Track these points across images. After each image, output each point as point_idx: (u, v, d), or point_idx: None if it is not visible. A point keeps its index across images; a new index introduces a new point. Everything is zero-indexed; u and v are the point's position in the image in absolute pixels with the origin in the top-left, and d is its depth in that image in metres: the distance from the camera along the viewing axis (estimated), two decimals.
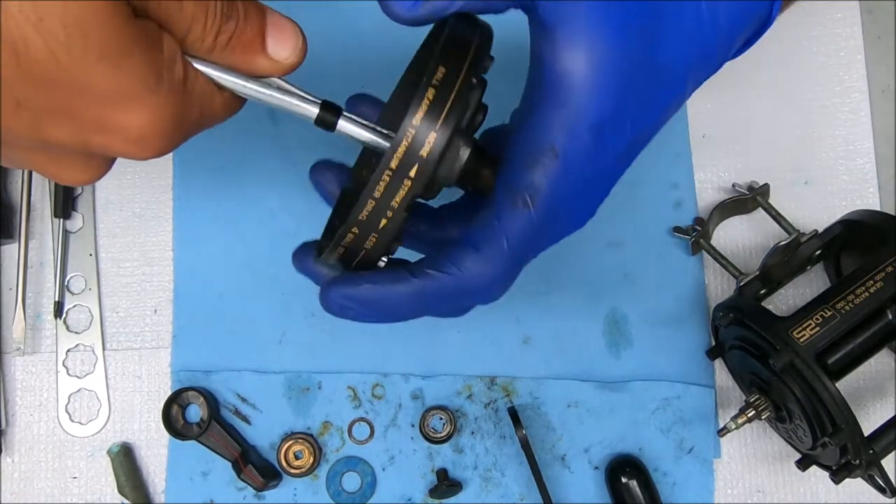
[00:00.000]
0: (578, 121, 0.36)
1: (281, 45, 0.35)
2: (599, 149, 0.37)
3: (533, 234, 0.38)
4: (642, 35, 0.36)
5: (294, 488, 0.58)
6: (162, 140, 0.33)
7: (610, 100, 0.36)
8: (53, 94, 0.30)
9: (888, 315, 0.50)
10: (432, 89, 0.34)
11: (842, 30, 0.63)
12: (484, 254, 0.37)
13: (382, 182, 0.34)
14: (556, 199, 0.37)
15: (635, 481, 0.56)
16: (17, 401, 0.59)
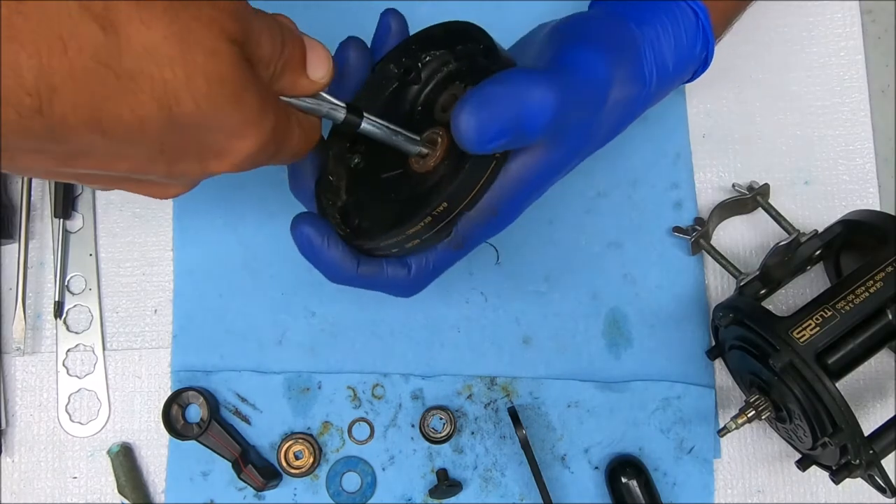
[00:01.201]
0: (522, 193, 0.45)
1: (317, 66, 0.40)
2: (524, 205, 0.46)
3: (449, 264, 0.47)
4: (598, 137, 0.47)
5: (294, 488, 0.58)
6: (257, 156, 0.38)
7: (550, 176, 0.45)
8: (190, 137, 0.35)
9: (888, 315, 0.50)
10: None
11: (842, 30, 0.63)
12: (411, 268, 0.46)
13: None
14: (480, 240, 0.46)
15: (635, 481, 0.56)
16: (17, 401, 0.59)
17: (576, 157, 0.46)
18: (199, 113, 0.34)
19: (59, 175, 0.36)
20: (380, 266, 0.45)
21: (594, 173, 0.61)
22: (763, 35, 0.62)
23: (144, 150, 0.34)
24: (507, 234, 0.60)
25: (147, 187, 0.39)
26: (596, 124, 0.45)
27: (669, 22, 0.47)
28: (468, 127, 0.39)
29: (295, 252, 0.60)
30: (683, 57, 0.48)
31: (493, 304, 0.60)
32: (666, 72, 0.47)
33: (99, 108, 0.31)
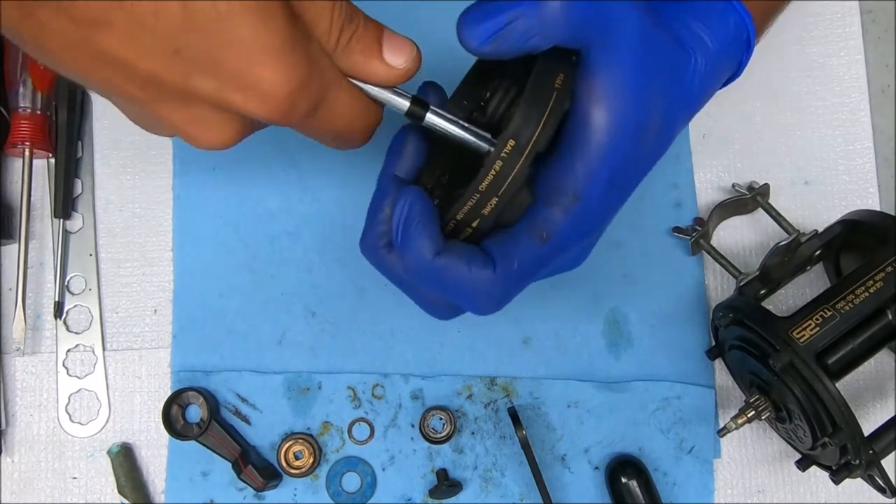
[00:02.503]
0: (600, 171, 0.41)
1: (397, 53, 0.39)
2: (609, 196, 0.42)
3: (539, 265, 0.42)
4: (651, 105, 0.42)
5: (294, 488, 0.58)
6: (287, 100, 0.37)
7: (626, 156, 0.41)
8: (206, 44, 0.34)
9: (888, 315, 0.50)
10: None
11: (842, 30, 0.63)
12: (496, 266, 0.41)
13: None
14: (568, 237, 0.42)
15: (635, 481, 0.56)
16: (17, 401, 0.59)
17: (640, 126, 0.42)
18: (216, 16, 0.33)
19: (83, 64, 0.35)
20: (465, 259, 0.41)
21: None
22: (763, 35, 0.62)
23: (157, 43, 0.34)
24: None
25: (180, 115, 0.38)
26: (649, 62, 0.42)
27: (703, 12, 0.45)
28: (466, 18, 0.38)
29: (295, 252, 0.60)
30: (724, 42, 0.45)
31: None
32: (706, 48, 0.45)
33: None
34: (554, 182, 0.41)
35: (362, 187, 0.60)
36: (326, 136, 0.41)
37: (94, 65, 0.35)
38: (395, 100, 0.40)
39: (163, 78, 0.35)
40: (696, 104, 0.46)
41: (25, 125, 0.59)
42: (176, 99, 0.37)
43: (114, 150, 0.62)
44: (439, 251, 0.41)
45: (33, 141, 0.59)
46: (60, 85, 0.60)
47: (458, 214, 0.41)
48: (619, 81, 0.40)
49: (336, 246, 0.60)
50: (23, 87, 0.59)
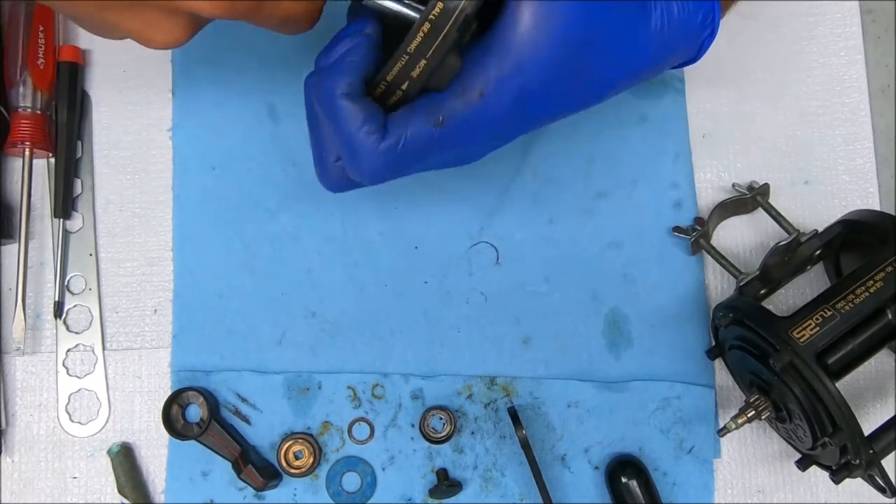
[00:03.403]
0: (512, 77, 0.42)
1: None
2: (514, 109, 0.43)
3: (426, 147, 0.43)
4: (587, 44, 0.42)
5: (294, 488, 0.58)
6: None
7: (544, 74, 0.42)
8: None
9: (888, 315, 0.50)
10: None
11: (842, 30, 0.63)
12: (386, 136, 0.43)
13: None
14: (459, 130, 0.43)
15: (635, 481, 0.56)
16: (17, 401, 0.59)
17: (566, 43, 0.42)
18: None
19: None
20: (361, 111, 0.42)
21: (594, 173, 0.61)
22: (763, 35, 0.62)
23: None
24: (507, 233, 0.60)
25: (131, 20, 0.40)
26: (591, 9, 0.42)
27: None
28: None
29: (295, 252, 0.60)
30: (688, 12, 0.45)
31: (493, 304, 0.60)
32: (671, 18, 0.45)
33: None
34: (467, 73, 0.42)
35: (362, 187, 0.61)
36: (272, 24, 0.42)
37: None
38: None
39: None
40: (641, 65, 0.46)
41: (25, 125, 0.59)
42: (124, 7, 0.39)
43: (114, 150, 0.62)
44: (348, 96, 0.42)
45: (33, 141, 0.59)
46: (60, 85, 0.60)
47: (387, 76, 0.42)
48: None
49: (336, 246, 0.60)
50: (23, 87, 0.59)
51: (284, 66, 0.61)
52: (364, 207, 0.60)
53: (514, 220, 0.60)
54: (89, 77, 0.62)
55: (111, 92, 0.62)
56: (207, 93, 0.61)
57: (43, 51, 0.59)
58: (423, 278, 0.60)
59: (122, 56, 0.62)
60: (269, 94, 0.61)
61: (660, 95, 0.62)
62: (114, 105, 0.62)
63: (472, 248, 0.60)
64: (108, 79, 0.62)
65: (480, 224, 0.61)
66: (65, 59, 0.60)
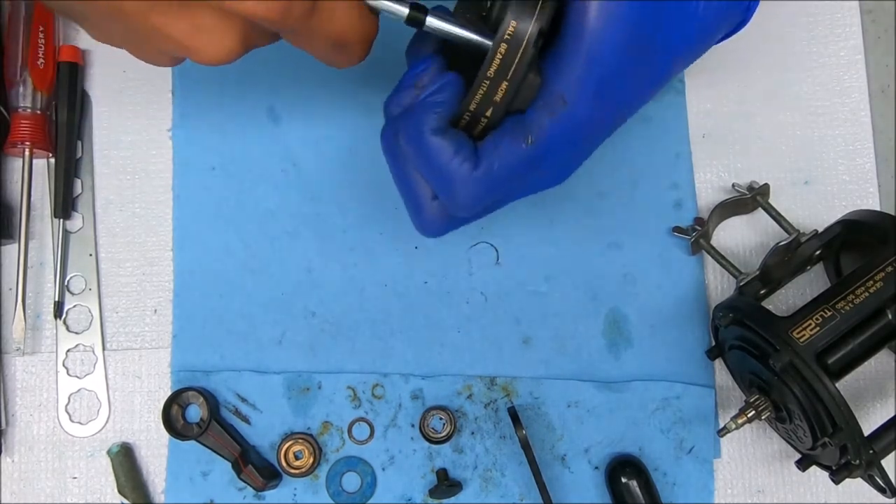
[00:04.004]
0: (589, 75, 0.41)
1: None
2: (598, 103, 0.42)
3: (520, 168, 0.43)
4: (648, 18, 0.42)
5: (294, 488, 0.58)
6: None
7: (619, 66, 0.42)
8: None
9: (888, 315, 0.50)
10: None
11: (842, 30, 0.63)
12: (480, 163, 0.43)
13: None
14: (553, 142, 0.43)
15: (635, 481, 0.56)
16: (17, 401, 0.59)
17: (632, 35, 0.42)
18: None
19: None
20: (452, 144, 0.42)
21: (594, 173, 0.61)
22: (763, 35, 0.62)
23: None
24: (508, 234, 0.60)
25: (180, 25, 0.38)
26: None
27: None
28: None
29: (295, 252, 0.60)
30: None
31: (493, 304, 0.60)
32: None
33: None
34: (546, 84, 0.42)
35: (363, 187, 0.61)
36: (324, 45, 0.41)
37: None
38: (394, 7, 0.41)
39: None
40: (697, 35, 0.46)
41: (25, 125, 0.59)
42: (176, 6, 0.37)
43: (114, 150, 0.62)
44: (436, 131, 0.42)
45: (33, 141, 0.59)
46: (60, 85, 0.60)
47: (470, 105, 0.42)
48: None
49: (336, 246, 0.60)
50: (23, 87, 0.59)
51: (285, 66, 0.61)
52: (364, 208, 0.60)
53: (514, 220, 0.60)
54: (89, 77, 0.62)
55: (111, 92, 0.62)
56: (207, 93, 0.61)
57: (43, 51, 0.59)
58: (423, 278, 0.60)
59: (122, 56, 0.61)
60: (269, 95, 0.61)
61: (660, 95, 0.62)
62: (114, 105, 0.62)
63: (472, 248, 0.60)
64: (108, 79, 0.62)
65: (480, 224, 0.60)
66: (65, 59, 0.60)
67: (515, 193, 0.46)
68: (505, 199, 0.46)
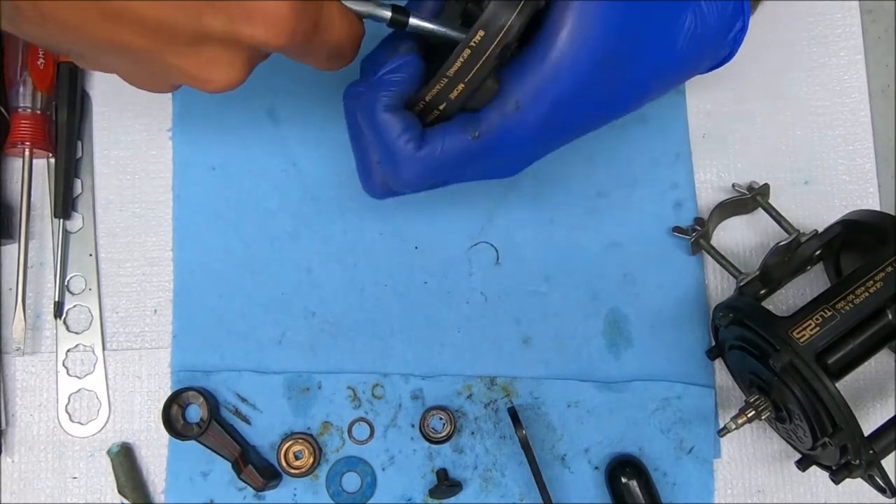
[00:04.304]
0: (547, 89, 0.43)
1: None
2: (553, 118, 0.44)
3: (463, 158, 0.45)
4: (624, 49, 0.43)
5: (294, 488, 0.58)
6: (291, 23, 0.38)
7: (581, 86, 0.43)
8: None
9: (888, 315, 0.50)
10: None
11: (842, 30, 0.63)
12: (424, 145, 0.44)
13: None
14: (495, 141, 0.44)
15: (635, 481, 0.56)
16: (17, 401, 0.59)
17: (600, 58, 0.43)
18: None
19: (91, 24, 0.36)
20: (400, 123, 0.44)
21: (594, 173, 0.61)
22: (763, 35, 0.62)
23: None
24: (507, 233, 0.60)
25: (190, 60, 0.39)
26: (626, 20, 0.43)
27: None
28: None
29: (295, 252, 0.60)
30: (718, 9, 0.46)
31: (493, 304, 0.60)
32: (702, 17, 0.45)
33: None
34: (505, 87, 0.43)
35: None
36: (322, 56, 0.43)
37: (102, 23, 0.36)
38: (377, 12, 0.43)
39: (174, 23, 0.36)
40: (676, 68, 0.47)
41: (25, 125, 0.59)
42: (186, 43, 0.38)
43: (114, 150, 0.62)
44: (388, 108, 0.44)
45: (33, 141, 0.59)
46: (60, 85, 0.60)
47: (427, 95, 0.44)
48: (592, 5, 0.42)
49: (336, 246, 0.60)
50: (23, 87, 0.59)
51: (284, 67, 0.61)
52: (364, 208, 0.60)
53: (514, 220, 0.61)
54: (89, 77, 0.62)
55: (111, 92, 0.62)
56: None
57: (43, 51, 0.59)
58: (423, 278, 0.60)
59: None
60: (269, 95, 0.61)
61: None
62: (114, 105, 0.62)
63: (472, 248, 0.60)
64: (108, 79, 0.62)
65: (480, 224, 0.61)
66: (65, 59, 0.60)
67: (460, 178, 0.47)
68: (448, 181, 0.47)
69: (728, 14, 0.47)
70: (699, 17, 0.45)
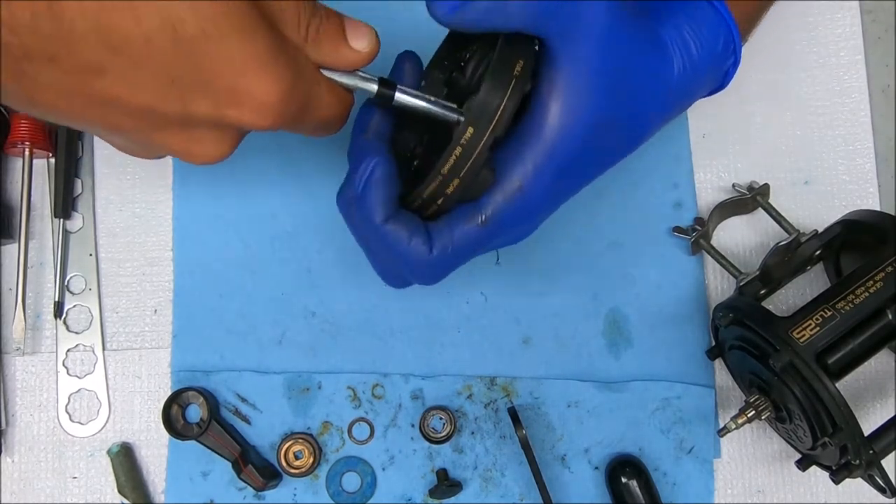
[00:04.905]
0: (548, 164, 0.42)
1: (359, 37, 0.41)
2: (557, 188, 0.44)
3: (475, 246, 0.44)
4: (615, 102, 0.43)
5: (294, 488, 0.58)
6: (280, 107, 0.38)
7: (582, 151, 0.43)
8: (197, 68, 0.35)
9: (888, 315, 0.50)
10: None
11: (842, 30, 0.63)
12: (433, 246, 0.44)
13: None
14: (508, 223, 0.44)
15: (635, 481, 0.56)
16: (17, 401, 0.59)
17: (598, 122, 0.43)
18: (204, 38, 0.35)
19: (83, 107, 0.36)
20: (408, 230, 0.43)
21: None
22: (763, 35, 0.62)
23: (154, 76, 0.35)
24: None
25: (177, 139, 0.39)
26: (612, 64, 0.42)
27: (685, 13, 0.46)
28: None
29: (295, 252, 0.60)
30: (707, 47, 0.46)
31: (493, 304, 0.60)
32: (690, 55, 0.45)
33: (106, 16, 0.33)
34: (503, 167, 0.43)
35: None
36: (310, 129, 0.43)
37: (89, 108, 0.36)
38: (364, 85, 0.43)
39: (160, 108, 0.36)
40: (672, 108, 0.47)
41: (25, 125, 0.59)
42: (173, 125, 0.38)
43: (114, 149, 0.61)
44: (388, 218, 0.43)
45: (33, 141, 0.59)
46: None
47: (423, 193, 0.43)
48: (580, 78, 0.41)
49: (336, 246, 0.60)
50: None
51: None
52: None
53: None
54: None
55: None
56: None
57: None
58: None
59: None
60: None
61: None
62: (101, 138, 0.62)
63: None
64: None
65: None
66: None
67: (472, 257, 0.47)
68: (464, 262, 0.47)
69: (719, 51, 0.47)
70: (688, 59, 0.46)
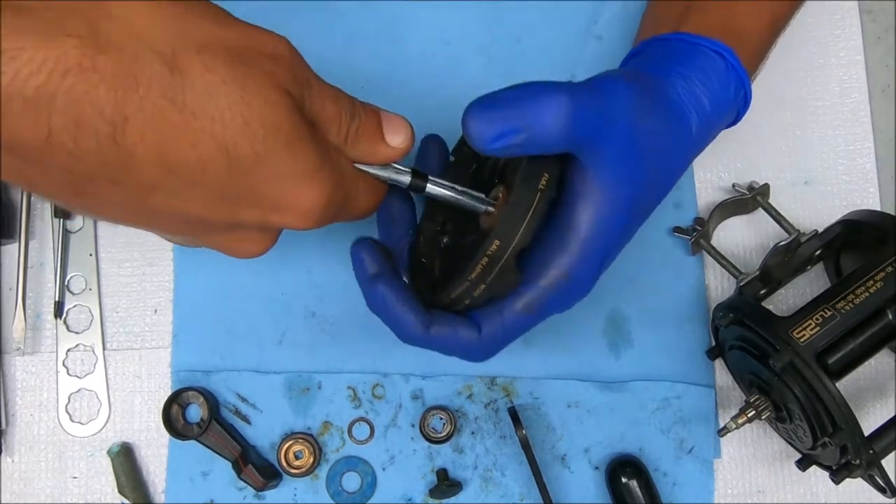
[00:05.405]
0: (593, 252, 0.44)
1: (396, 132, 0.43)
2: (603, 268, 0.45)
3: (525, 328, 0.46)
4: (647, 175, 0.44)
5: (294, 488, 0.58)
6: (322, 212, 0.40)
7: (621, 234, 0.44)
8: (248, 184, 0.37)
9: (888, 315, 0.50)
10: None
11: (842, 30, 0.63)
12: (481, 330, 0.46)
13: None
14: (556, 309, 0.46)
15: (635, 481, 0.56)
16: (17, 401, 0.59)
17: (633, 203, 0.44)
18: (256, 158, 0.36)
19: (137, 217, 0.38)
20: (452, 328, 0.45)
21: None
22: None
23: (205, 192, 0.37)
24: None
25: (222, 239, 0.41)
26: (638, 153, 0.43)
27: (695, 67, 0.47)
28: (474, 122, 0.40)
29: (295, 252, 0.60)
30: (718, 97, 0.47)
31: None
32: (703, 111, 0.46)
33: (165, 142, 0.34)
34: (546, 259, 0.44)
35: None
36: (343, 220, 0.44)
37: (141, 217, 0.38)
38: (399, 177, 0.44)
39: (209, 218, 0.38)
40: (692, 155, 0.48)
41: None
42: (219, 229, 0.40)
43: None
44: (428, 325, 0.45)
45: None
46: None
47: (451, 294, 0.45)
48: (609, 180, 0.43)
49: (336, 246, 0.60)
50: None
51: None
52: None
53: None
54: None
55: None
56: None
57: None
58: None
59: None
60: None
61: None
62: None
63: None
64: None
65: None
66: None
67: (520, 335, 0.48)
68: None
69: (730, 97, 0.48)
70: (703, 115, 0.46)
